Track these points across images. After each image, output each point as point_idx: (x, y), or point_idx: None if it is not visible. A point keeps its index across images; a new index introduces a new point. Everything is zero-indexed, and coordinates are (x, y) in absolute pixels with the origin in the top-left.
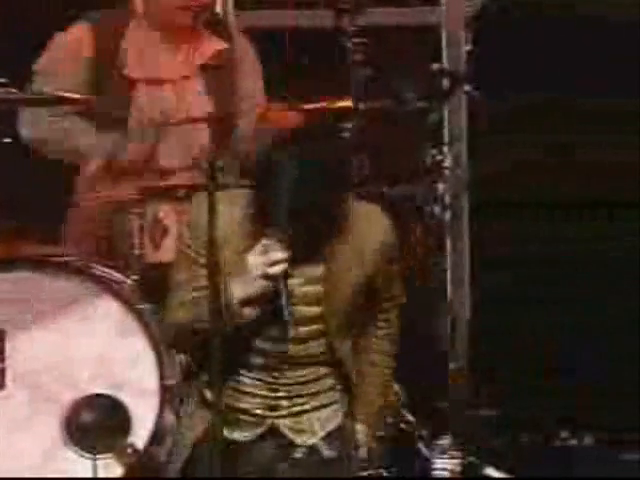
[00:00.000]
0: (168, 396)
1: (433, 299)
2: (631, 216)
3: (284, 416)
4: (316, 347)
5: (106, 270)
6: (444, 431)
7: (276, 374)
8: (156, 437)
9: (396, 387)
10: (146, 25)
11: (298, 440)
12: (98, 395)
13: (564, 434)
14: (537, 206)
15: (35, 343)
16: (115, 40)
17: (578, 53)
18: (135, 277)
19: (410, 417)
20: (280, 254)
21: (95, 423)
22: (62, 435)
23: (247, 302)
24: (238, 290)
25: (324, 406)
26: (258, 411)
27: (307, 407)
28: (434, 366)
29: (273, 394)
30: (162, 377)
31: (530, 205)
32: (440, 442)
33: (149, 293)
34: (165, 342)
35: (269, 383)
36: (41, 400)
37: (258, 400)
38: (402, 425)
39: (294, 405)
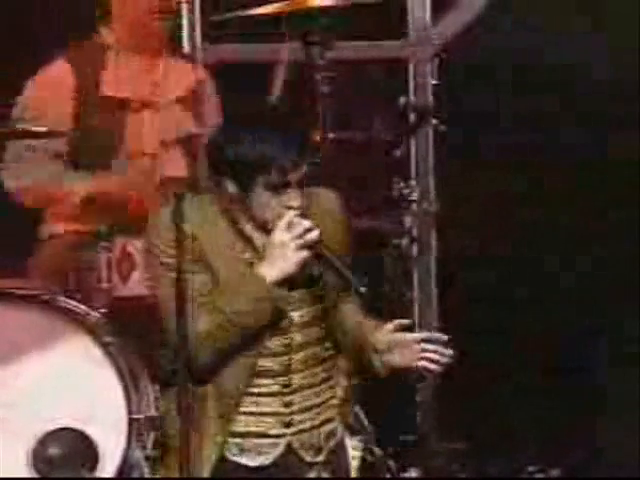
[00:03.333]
0: (136, 430)
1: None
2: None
3: (298, 432)
4: (314, 333)
5: (74, 303)
6: (411, 464)
7: (285, 379)
8: (123, 471)
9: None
10: (122, 52)
11: (307, 457)
12: (65, 429)
13: (531, 468)
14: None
15: (1, 376)
16: (95, 72)
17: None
18: (103, 310)
19: (377, 450)
20: (305, 222)
21: (62, 457)
22: (28, 469)
23: (282, 282)
24: (273, 271)
25: (328, 421)
26: (274, 431)
27: (316, 422)
28: (402, 399)
29: (286, 409)
30: (130, 411)
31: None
32: (407, 475)
33: (117, 326)
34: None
35: (281, 394)
36: (7, 433)
37: (273, 419)
38: (369, 458)
39: (305, 420)
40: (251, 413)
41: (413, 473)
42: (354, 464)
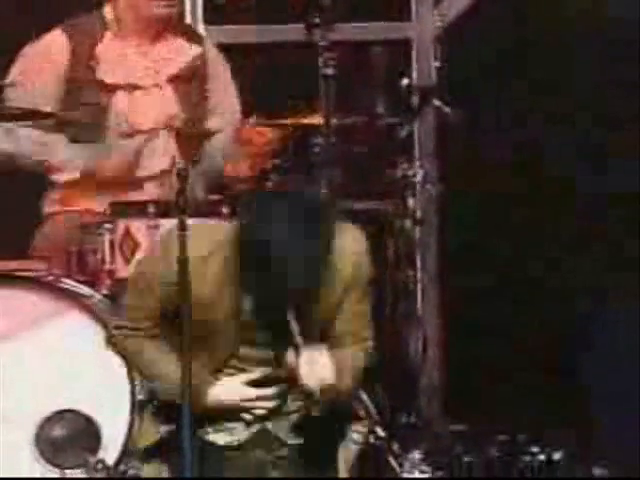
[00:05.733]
0: (139, 411)
1: (403, 314)
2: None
3: (274, 419)
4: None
5: (76, 285)
6: (415, 446)
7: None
8: (126, 453)
9: (366, 400)
10: (120, 34)
11: (287, 440)
12: (68, 410)
13: (534, 449)
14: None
15: (5, 357)
16: (91, 47)
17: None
18: (105, 292)
19: (380, 431)
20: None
21: (65, 439)
22: (32, 450)
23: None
24: (215, 395)
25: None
26: (246, 417)
27: (296, 407)
28: (404, 380)
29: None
30: (133, 392)
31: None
32: (410, 456)
33: (120, 308)
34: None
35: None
36: (10, 415)
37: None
38: (373, 439)
39: (284, 411)
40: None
41: (416, 455)
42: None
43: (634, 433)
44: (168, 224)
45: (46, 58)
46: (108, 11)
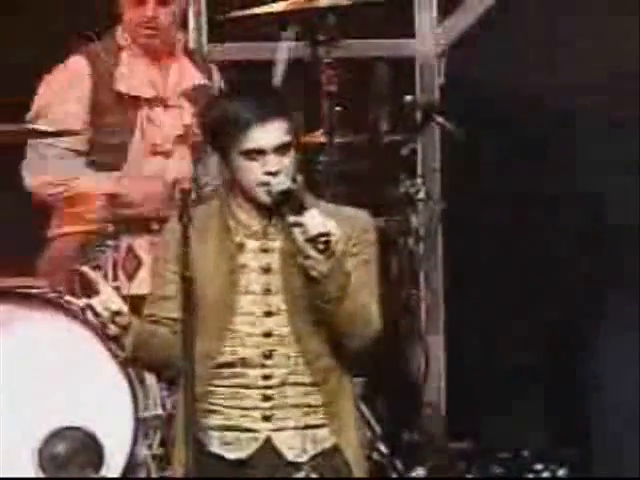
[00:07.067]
0: (142, 428)
1: (407, 331)
2: None
3: (278, 429)
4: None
5: (77, 301)
6: (418, 463)
7: (268, 382)
8: (129, 470)
9: (370, 418)
10: (133, 53)
11: (289, 456)
12: (70, 428)
13: (538, 466)
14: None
15: (7, 374)
16: (110, 69)
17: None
18: None
19: (384, 448)
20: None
21: (67, 456)
22: (34, 467)
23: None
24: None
25: (316, 427)
26: (253, 425)
27: (300, 424)
28: (408, 398)
29: (266, 403)
30: (136, 410)
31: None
32: (414, 474)
33: None
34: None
35: (261, 388)
36: (12, 432)
37: (252, 412)
38: (376, 457)
39: (287, 418)
40: (231, 407)
41: (420, 472)
42: None
43: (634, 434)
44: None
45: (69, 84)
46: (120, 33)
